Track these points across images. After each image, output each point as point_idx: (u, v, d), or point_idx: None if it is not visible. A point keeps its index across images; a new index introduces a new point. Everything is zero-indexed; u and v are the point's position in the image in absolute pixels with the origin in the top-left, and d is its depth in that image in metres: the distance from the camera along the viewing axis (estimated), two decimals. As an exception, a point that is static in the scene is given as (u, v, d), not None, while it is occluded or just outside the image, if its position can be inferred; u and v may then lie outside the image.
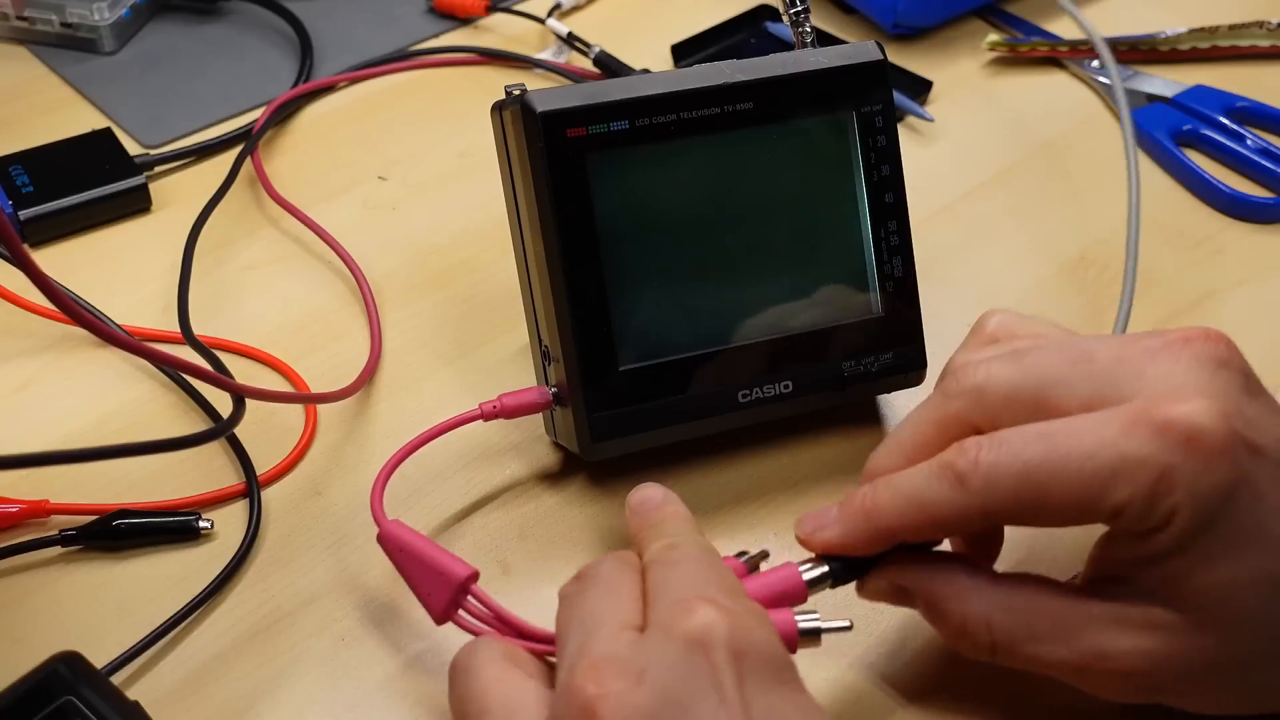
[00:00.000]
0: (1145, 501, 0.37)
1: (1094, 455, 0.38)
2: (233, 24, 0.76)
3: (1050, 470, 0.38)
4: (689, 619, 0.36)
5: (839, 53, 0.51)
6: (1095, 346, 0.41)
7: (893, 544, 0.42)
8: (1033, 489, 0.38)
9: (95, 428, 0.53)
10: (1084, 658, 0.40)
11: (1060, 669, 0.40)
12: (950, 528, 0.41)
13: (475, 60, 0.74)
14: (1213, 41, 0.73)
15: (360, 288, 0.59)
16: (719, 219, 0.50)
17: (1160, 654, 0.39)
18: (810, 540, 0.42)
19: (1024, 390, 0.40)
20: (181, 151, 0.66)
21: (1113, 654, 0.39)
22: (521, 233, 0.50)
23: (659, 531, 0.42)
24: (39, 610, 0.47)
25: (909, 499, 0.40)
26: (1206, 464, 0.37)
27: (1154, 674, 0.39)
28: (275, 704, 0.45)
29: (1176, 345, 0.40)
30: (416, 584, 0.44)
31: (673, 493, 0.44)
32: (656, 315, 0.49)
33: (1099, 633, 0.40)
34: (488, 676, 0.38)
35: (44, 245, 0.62)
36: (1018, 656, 0.41)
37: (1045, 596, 0.41)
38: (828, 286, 0.51)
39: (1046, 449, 0.38)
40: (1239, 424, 0.38)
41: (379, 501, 0.46)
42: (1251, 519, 0.38)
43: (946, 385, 0.42)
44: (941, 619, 0.42)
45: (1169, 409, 0.37)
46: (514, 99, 0.48)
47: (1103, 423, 0.38)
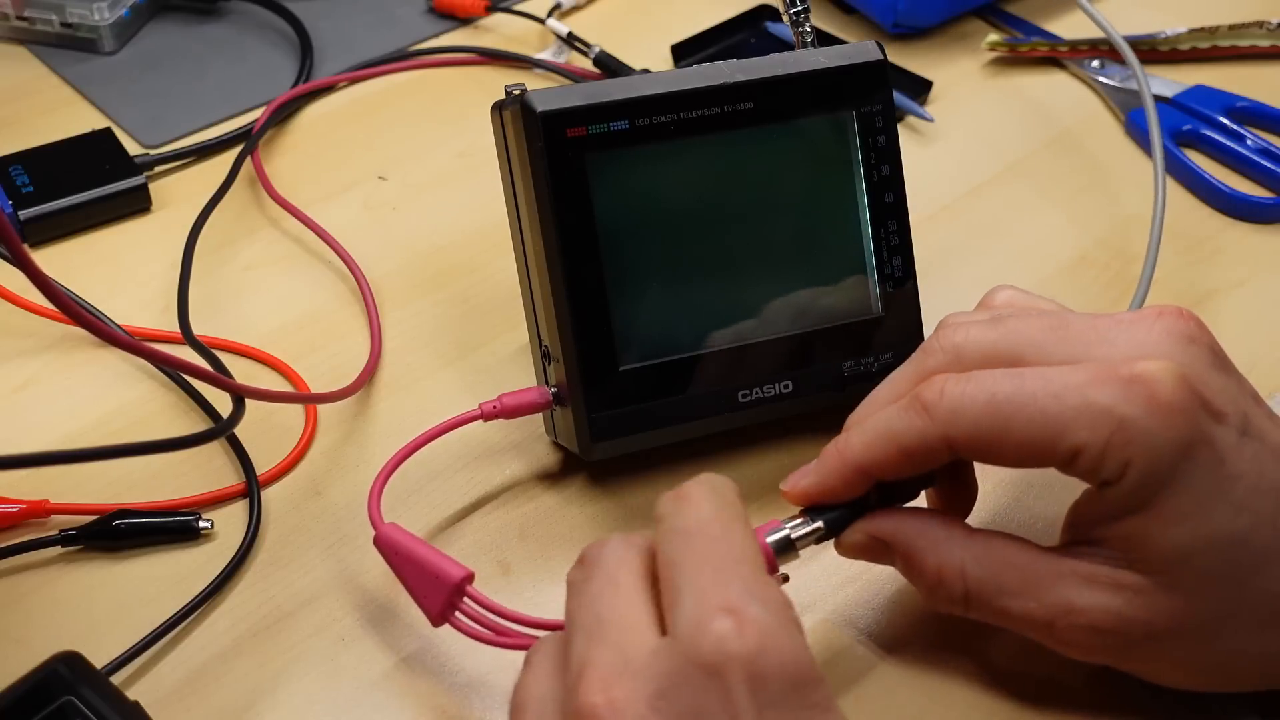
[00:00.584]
0: (1101, 449, 0.39)
1: (1059, 396, 0.39)
2: (233, 24, 0.76)
3: (1016, 405, 0.40)
4: (705, 638, 0.35)
5: (839, 53, 0.51)
6: (1072, 316, 0.43)
7: (867, 483, 0.43)
8: (996, 421, 0.40)
9: (95, 428, 0.53)
10: (1051, 611, 0.41)
11: (1029, 623, 0.41)
12: (917, 457, 0.42)
13: (475, 60, 0.74)
14: (1213, 41, 0.73)
15: (360, 288, 0.59)
16: (719, 219, 0.50)
17: (1126, 613, 0.40)
18: (791, 491, 0.44)
19: (1000, 350, 0.42)
20: (181, 151, 0.66)
21: (1080, 608, 0.40)
22: (521, 233, 0.50)
23: (679, 490, 0.39)
24: (39, 610, 0.47)
25: (878, 432, 0.42)
26: (1164, 420, 0.38)
27: (1120, 633, 0.40)
28: (275, 704, 0.45)
29: (1149, 318, 0.42)
30: (412, 586, 0.44)
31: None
32: (656, 315, 0.49)
33: (1068, 588, 0.41)
34: (534, 672, 0.38)
35: (44, 245, 0.62)
36: (989, 609, 0.42)
37: (1019, 551, 0.42)
38: (828, 286, 0.51)
39: (1014, 386, 0.40)
40: (1201, 388, 0.39)
41: (376, 505, 0.46)
42: (1211, 481, 0.39)
43: (929, 344, 0.44)
44: (917, 570, 0.43)
45: (1135, 366, 0.39)
46: (514, 99, 0.48)
47: (1071, 372, 0.40)
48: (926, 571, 0.42)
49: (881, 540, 0.43)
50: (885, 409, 0.42)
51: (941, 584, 0.42)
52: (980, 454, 0.41)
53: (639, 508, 0.51)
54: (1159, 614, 0.40)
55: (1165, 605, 0.40)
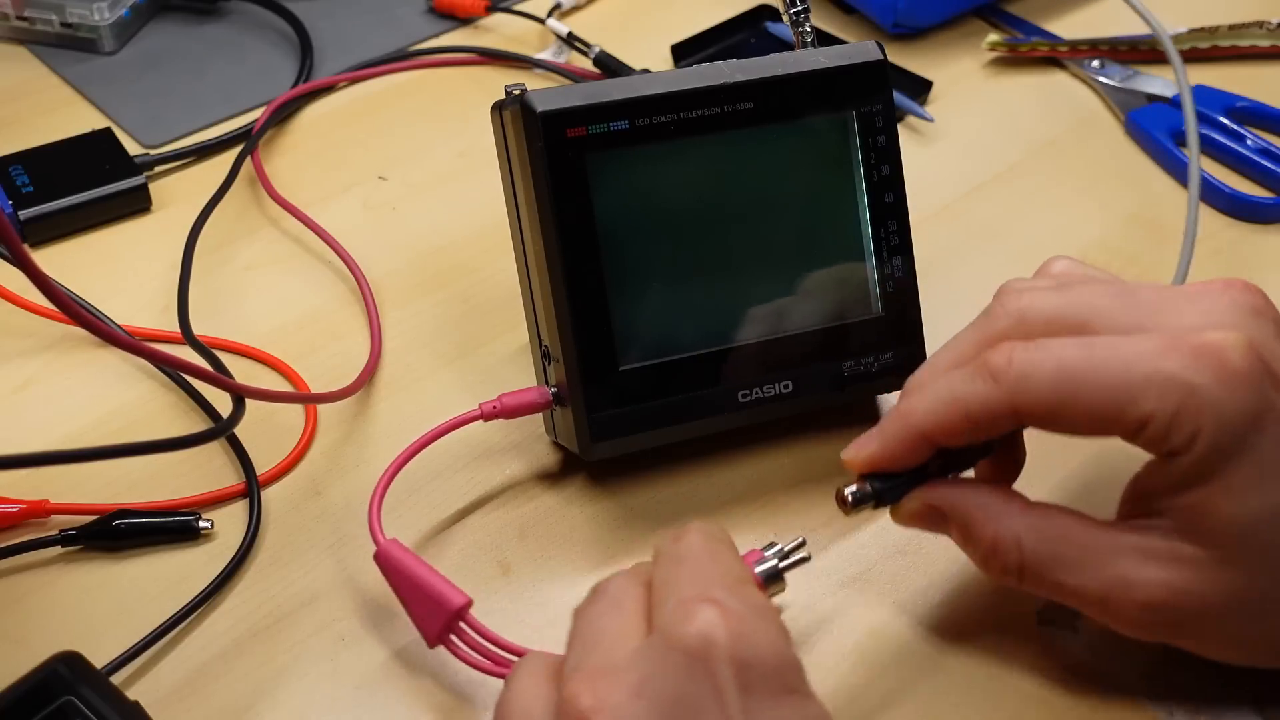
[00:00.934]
0: (1170, 418, 0.38)
1: (1129, 366, 0.39)
2: (233, 24, 0.76)
3: (1084, 373, 0.40)
4: (688, 625, 0.35)
5: (839, 53, 0.51)
6: (1139, 286, 0.43)
7: (929, 449, 0.43)
8: (1064, 389, 0.40)
9: (95, 428, 0.53)
10: (1107, 586, 0.41)
11: (1084, 597, 0.41)
12: (982, 424, 0.42)
13: (475, 60, 0.74)
14: (1213, 41, 0.73)
15: (360, 288, 0.59)
16: (719, 219, 0.50)
17: (1182, 587, 0.40)
18: (854, 459, 0.44)
19: (1066, 316, 0.42)
20: (181, 151, 0.66)
21: (1135, 583, 0.40)
22: (521, 233, 0.50)
23: (674, 533, 0.40)
24: (39, 610, 0.47)
25: (942, 398, 0.42)
26: (1234, 390, 0.38)
27: (1176, 608, 0.40)
28: (275, 704, 0.45)
29: (1217, 289, 0.41)
30: (411, 606, 0.44)
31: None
32: (656, 315, 0.49)
33: (1124, 562, 0.41)
34: (518, 685, 0.38)
35: (44, 245, 0.62)
36: (1044, 582, 0.42)
37: (1075, 524, 0.42)
38: (827, 286, 0.51)
39: (1084, 354, 0.40)
40: (1270, 359, 0.39)
41: (377, 518, 0.46)
42: (1278, 452, 0.39)
43: (992, 307, 0.44)
44: (973, 540, 0.43)
45: (1205, 335, 0.39)
46: (514, 99, 0.48)
47: (1141, 340, 0.40)
48: (983, 542, 0.42)
49: (939, 509, 0.43)
50: (949, 374, 0.42)
51: (996, 554, 0.42)
52: (1047, 422, 0.41)
53: (639, 508, 0.51)
54: (1215, 589, 0.40)
55: (1222, 579, 0.40)
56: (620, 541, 0.50)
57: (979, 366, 0.41)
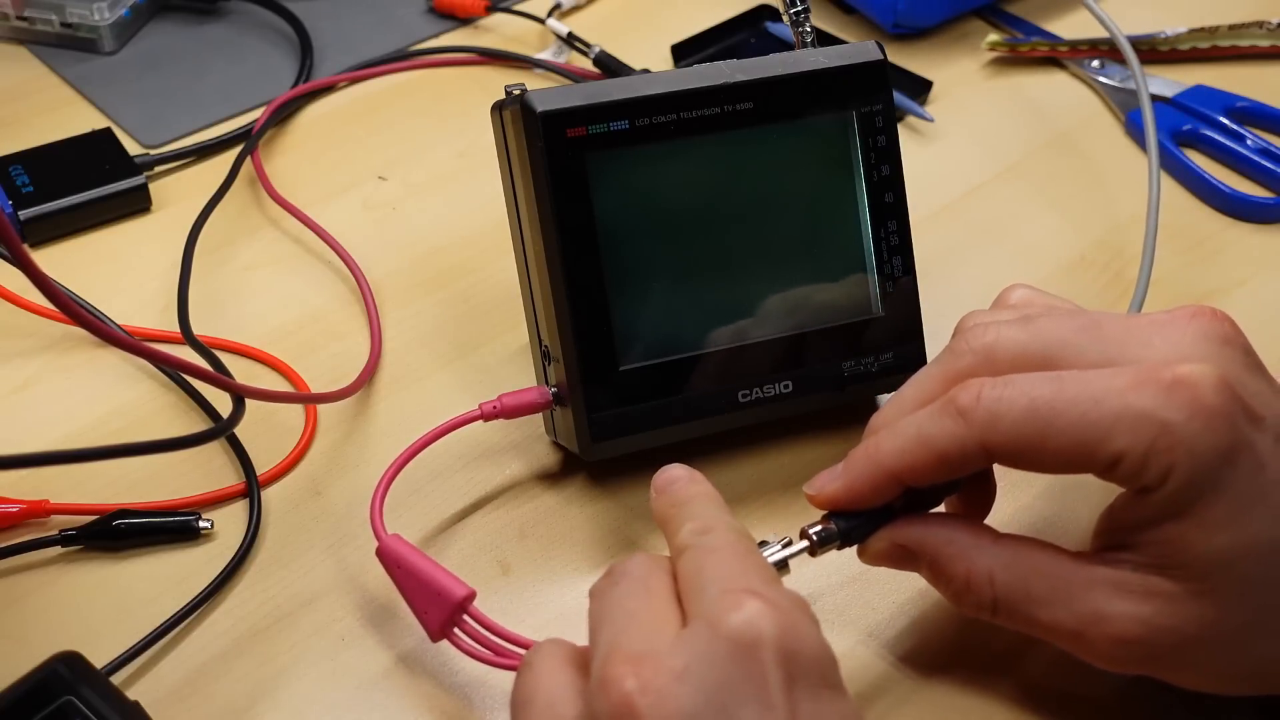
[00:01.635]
0: (1143, 454, 0.38)
1: (1100, 401, 0.38)
2: (233, 24, 0.76)
3: (1055, 410, 0.39)
4: (735, 614, 0.35)
5: (839, 53, 0.51)
6: (1103, 317, 0.42)
7: (896, 488, 0.42)
8: (1035, 426, 0.39)
9: (95, 428, 0.53)
10: (1081, 621, 0.40)
11: (1058, 632, 0.41)
12: (952, 463, 0.41)
13: (475, 60, 0.74)
14: (1213, 41, 0.73)
15: (360, 288, 0.59)
16: (719, 219, 0.50)
17: (1157, 622, 0.39)
18: (818, 496, 0.43)
19: (1032, 351, 0.41)
20: (181, 151, 0.66)
21: (1110, 617, 0.40)
22: (521, 233, 0.50)
23: (688, 513, 0.40)
24: (39, 610, 0.47)
25: (911, 437, 0.41)
26: (1206, 425, 0.38)
27: (1150, 642, 0.40)
28: (275, 704, 0.45)
29: (1183, 319, 0.41)
30: (413, 601, 0.44)
31: (698, 472, 0.43)
32: (656, 315, 0.49)
33: (1098, 596, 0.40)
34: (540, 670, 0.38)
35: (44, 245, 0.62)
36: (1018, 616, 0.41)
37: (1047, 557, 0.41)
38: (828, 286, 0.51)
39: (1054, 390, 0.39)
40: (1241, 392, 0.38)
41: (379, 514, 0.46)
42: (1253, 487, 0.38)
43: (956, 344, 0.43)
44: (945, 577, 0.42)
45: (1176, 369, 0.38)
46: (514, 99, 0.48)
47: (1111, 375, 0.39)
48: (955, 579, 0.42)
49: (907, 548, 0.43)
50: (917, 413, 0.41)
51: (969, 591, 0.42)
52: (1018, 460, 0.40)
53: (639, 508, 0.51)
54: (1189, 621, 0.39)
55: (1196, 613, 0.39)
56: (620, 541, 0.50)
57: (945, 404, 0.40)
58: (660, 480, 0.43)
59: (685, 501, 0.41)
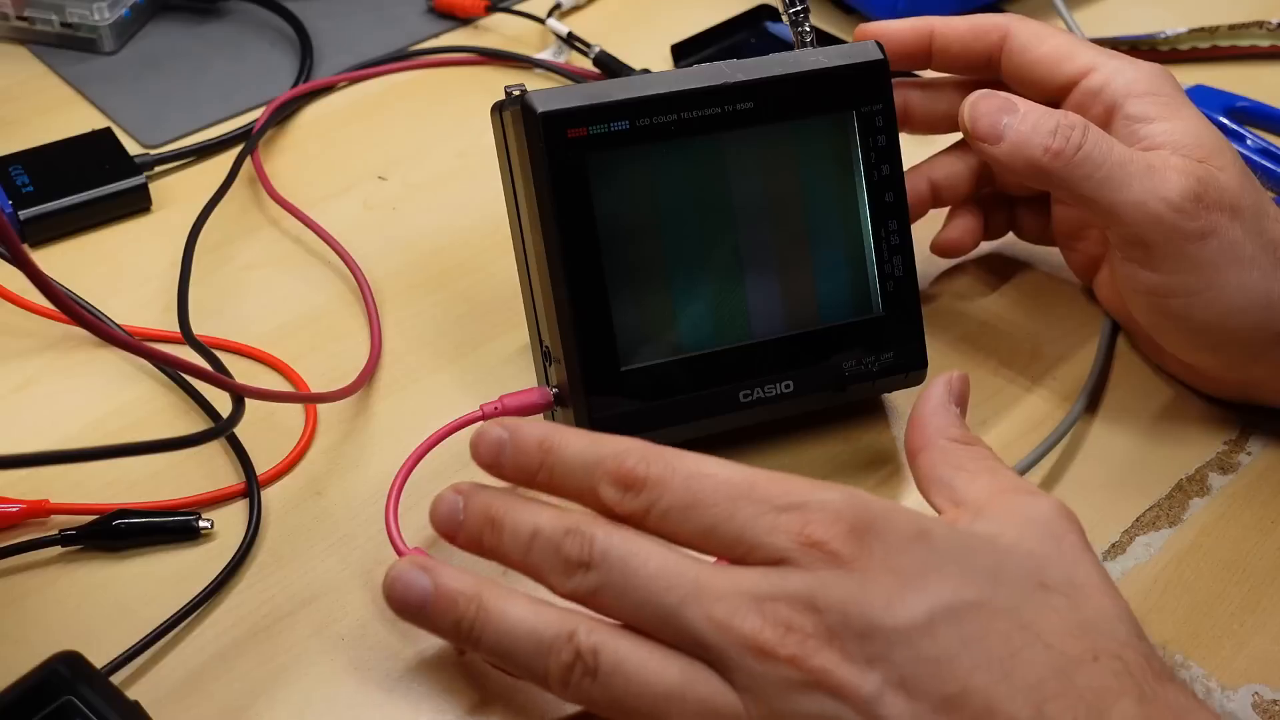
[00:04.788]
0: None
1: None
2: (233, 24, 0.76)
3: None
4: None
5: (839, 52, 0.51)
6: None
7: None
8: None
9: (95, 428, 0.53)
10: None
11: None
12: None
13: (475, 60, 0.74)
14: (1213, 41, 0.73)
15: (360, 288, 0.59)
16: (719, 219, 0.50)
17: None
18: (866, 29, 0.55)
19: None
20: (181, 151, 0.66)
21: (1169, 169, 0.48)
22: (522, 233, 0.50)
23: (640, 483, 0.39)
24: (39, 610, 0.47)
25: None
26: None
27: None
28: (275, 704, 0.45)
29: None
30: None
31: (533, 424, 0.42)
32: (657, 315, 0.49)
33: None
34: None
35: (44, 245, 0.62)
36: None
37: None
38: (828, 286, 0.51)
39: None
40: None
41: (396, 529, 0.46)
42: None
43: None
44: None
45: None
46: (514, 99, 0.48)
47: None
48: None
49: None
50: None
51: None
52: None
53: (639, 508, 0.51)
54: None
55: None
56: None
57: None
58: (484, 453, 0.42)
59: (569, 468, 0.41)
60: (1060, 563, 0.38)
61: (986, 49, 0.54)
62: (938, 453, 0.43)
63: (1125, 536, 0.50)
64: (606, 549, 0.38)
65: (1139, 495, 0.51)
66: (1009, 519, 0.40)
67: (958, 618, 0.36)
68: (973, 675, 0.35)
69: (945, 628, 0.36)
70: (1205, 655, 0.46)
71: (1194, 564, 0.49)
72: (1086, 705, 0.35)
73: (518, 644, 0.38)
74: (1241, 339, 0.50)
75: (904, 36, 0.54)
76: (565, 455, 0.40)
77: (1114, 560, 0.49)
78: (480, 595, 0.39)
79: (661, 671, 0.37)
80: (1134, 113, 0.50)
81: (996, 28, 0.53)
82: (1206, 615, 0.48)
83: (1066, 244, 0.58)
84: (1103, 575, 0.39)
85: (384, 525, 0.46)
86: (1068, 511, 0.41)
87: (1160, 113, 0.50)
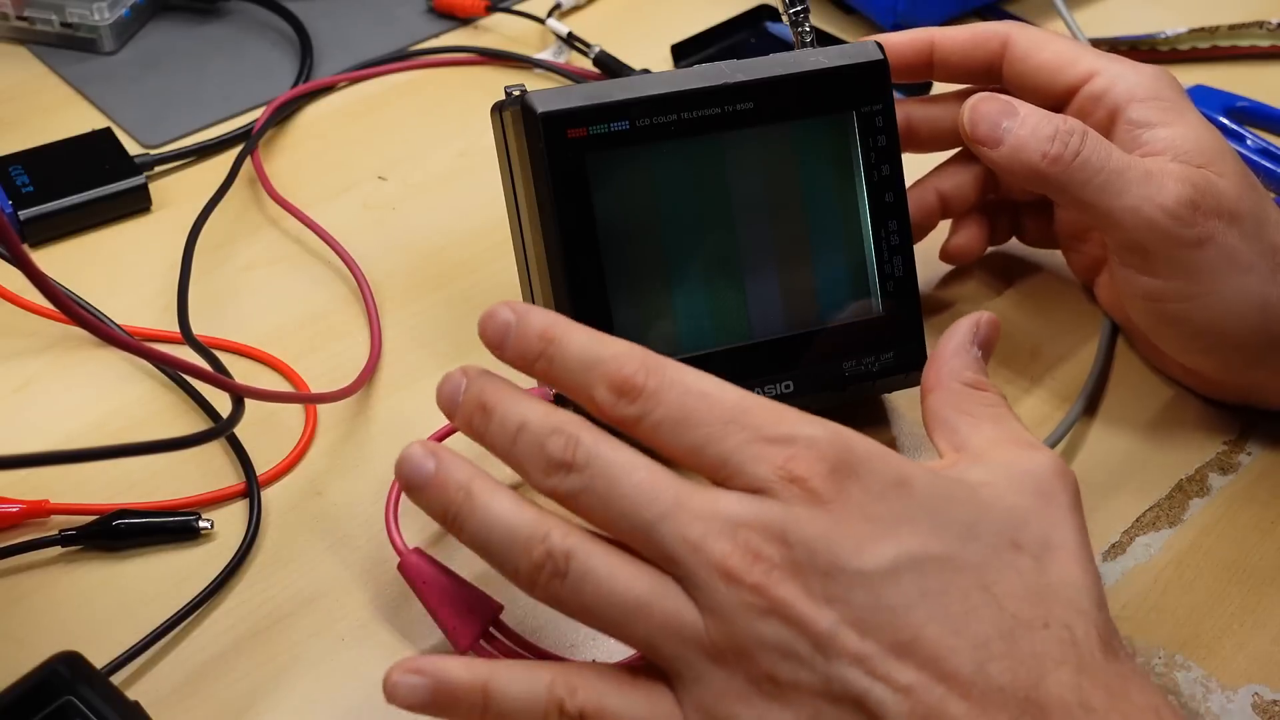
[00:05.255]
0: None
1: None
2: (233, 24, 0.76)
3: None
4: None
5: (839, 53, 0.51)
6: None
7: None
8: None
9: (95, 428, 0.53)
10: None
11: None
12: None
13: (475, 60, 0.74)
14: (1213, 41, 0.73)
15: (360, 288, 0.59)
16: (719, 219, 0.50)
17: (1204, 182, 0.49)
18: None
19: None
20: (181, 151, 0.66)
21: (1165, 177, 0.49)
22: (522, 233, 0.50)
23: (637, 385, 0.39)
24: (39, 610, 0.47)
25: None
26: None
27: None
28: (275, 704, 0.45)
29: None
30: (440, 614, 0.44)
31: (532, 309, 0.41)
32: (657, 316, 0.49)
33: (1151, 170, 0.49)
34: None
35: (44, 245, 0.62)
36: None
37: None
38: (828, 286, 0.51)
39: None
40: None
41: (395, 528, 0.46)
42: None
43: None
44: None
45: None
46: (514, 99, 0.48)
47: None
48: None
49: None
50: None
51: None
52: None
53: (639, 508, 0.51)
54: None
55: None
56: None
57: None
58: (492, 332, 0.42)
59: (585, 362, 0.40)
60: (1040, 522, 0.39)
61: (988, 57, 0.54)
62: (948, 394, 0.44)
63: (1125, 536, 0.50)
64: (591, 455, 0.38)
65: (1139, 495, 0.52)
66: (1002, 469, 0.40)
67: (921, 570, 0.37)
68: (926, 626, 0.36)
69: (908, 578, 0.37)
70: (1205, 655, 0.46)
71: (1194, 564, 0.49)
72: (1026, 669, 0.36)
73: (493, 536, 0.39)
74: (1239, 343, 0.50)
75: (904, 49, 0.54)
76: (565, 348, 0.40)
77: (1114, 560, 0.49)
78: (470, 485, 0.40)
79: (630, 583, 0.38)
80: (1136, 118, 0.50)
81: (996, 35, 0.53)
82: (1206, 615, 0.48)
83: (1069, 245, 0.58)
84: (1079, 540, 0.40)
85: (384, 525, 0.46)
86: (1065, 470, 0.41)
87: (1162, 118, 0.50)
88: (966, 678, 0.36)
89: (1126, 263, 0.50)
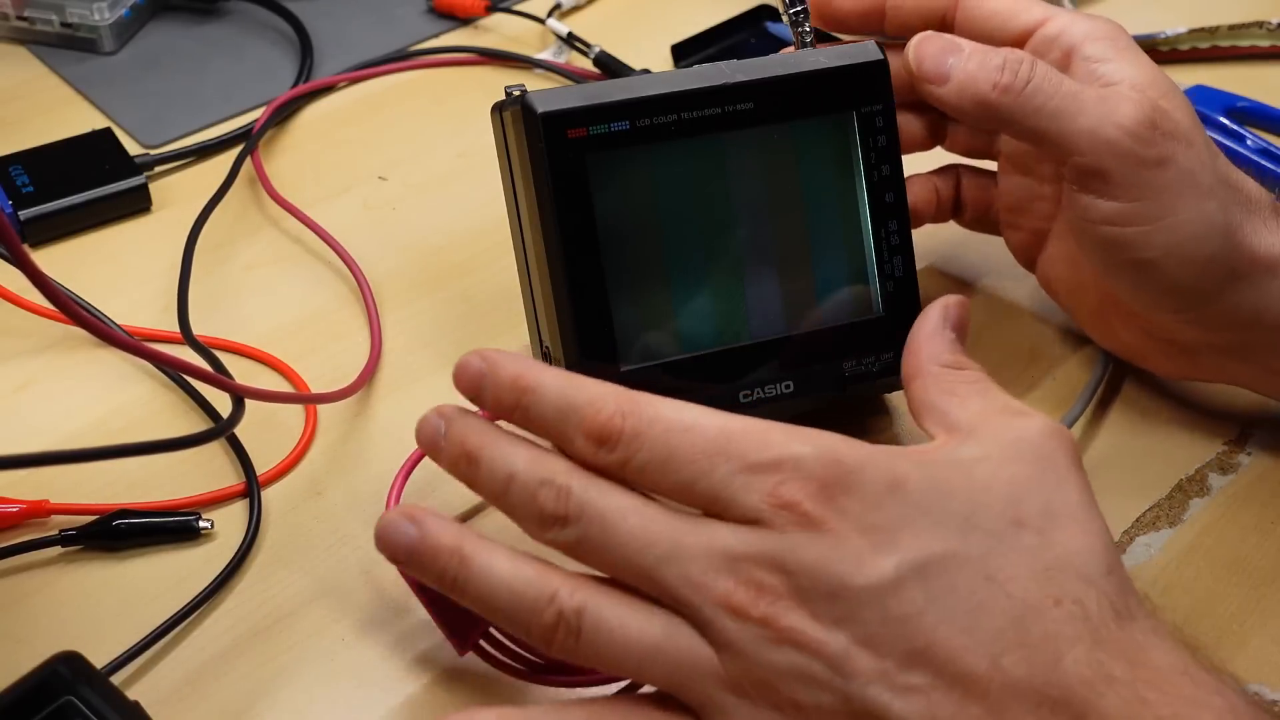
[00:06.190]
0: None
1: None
2: (233, 24, 0.76)
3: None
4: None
5: (839, 53, 0.51)
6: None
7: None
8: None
9: (95, 428, 0.53)
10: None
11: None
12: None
13: (475, 60, 0.74)
14: (1213, 41, 0.73)
15: (360, 288, 0.59)
16: (719, 219, 0.50)
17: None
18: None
19: None
20: (181, 151, 0.66)
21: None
22: (522, 233, 0.50)
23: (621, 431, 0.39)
24: (39, 610, 0.47)
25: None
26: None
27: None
28: (275, 704, 0.45)
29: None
30: (439, 616, 0.44)
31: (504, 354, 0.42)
32: (657, 316, 0.49)
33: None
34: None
35: (44, 245, 0.62)
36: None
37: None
38: (828, 286, 0.51)
39: None
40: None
41: None
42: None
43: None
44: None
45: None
46: (514, 99, 0.48)
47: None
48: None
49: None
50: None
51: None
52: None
53: (639, 508, 0.51)
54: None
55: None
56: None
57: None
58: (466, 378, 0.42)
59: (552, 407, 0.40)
60: (1040, 489, 0.39)
61: (940, 8, 0.53)
62: (930, 379, 0.44)
63: (1125, 537, 0.50)
64: (583, 504, 0.38)
65: (1139, 495, 0.52)
66: (997, 440, 0.40)
67: (924, 574, 0.37)
68: (937, 630, 0.36)
69: (912, 585, 0.37)
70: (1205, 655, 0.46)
71: (1194, 564, 0.49)
72: (1041, 654, 0.36)
73: (498, 600, 0.39)
74: (1198, 273, 0.48)
75: (854, 1, 0.54)
76: (540, 397, 0.40)
77: (1114, 560, 0.49)
78: (461, 549, 0.39)
79: (643, 628, 0.38)
80: (1091, 54, 0.50)
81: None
82: (1206, 615, 0.48)
83: (1009, 221, 0.56)
84: (1082, 500, 0.39)
85: (384, 525, 0.46)
86: (1059, 430, 0.41)
87: (1117, 55, 0.50)
88: (983, 675, 0.36)
89: (1087, 189, 0.48)
